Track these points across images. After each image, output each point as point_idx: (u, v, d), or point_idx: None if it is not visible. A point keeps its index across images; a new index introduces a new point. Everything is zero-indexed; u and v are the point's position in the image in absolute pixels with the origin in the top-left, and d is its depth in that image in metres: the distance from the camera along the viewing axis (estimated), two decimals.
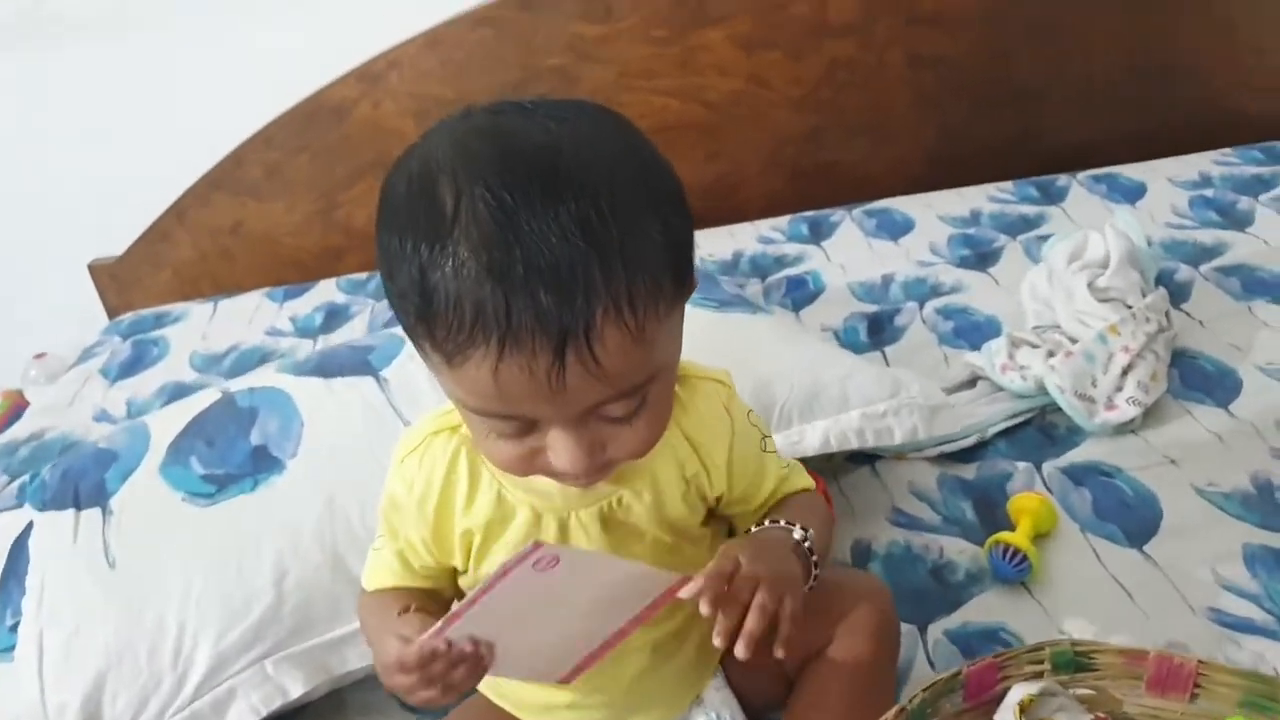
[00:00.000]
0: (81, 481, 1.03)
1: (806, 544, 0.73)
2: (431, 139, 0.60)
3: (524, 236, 0.54)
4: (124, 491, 1.01)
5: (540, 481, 0.69)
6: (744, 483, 0.79)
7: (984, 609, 0.97)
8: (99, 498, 1.01)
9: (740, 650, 0.62)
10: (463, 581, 0.79)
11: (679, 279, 0.61)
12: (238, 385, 1.14)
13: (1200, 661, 0.71)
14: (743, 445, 0.77)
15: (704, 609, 0.62)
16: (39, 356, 1.98)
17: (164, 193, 1.89)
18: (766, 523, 0.75)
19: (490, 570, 0.73)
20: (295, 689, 0.90)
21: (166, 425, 1.09)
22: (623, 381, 0.59)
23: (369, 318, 1.69)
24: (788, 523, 0.74)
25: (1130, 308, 1.26)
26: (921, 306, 1.49)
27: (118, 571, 0.93)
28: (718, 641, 0.62)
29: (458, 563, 0.76)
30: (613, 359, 0.56)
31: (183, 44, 1.81)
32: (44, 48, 1.80)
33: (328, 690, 0.94)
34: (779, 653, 0.64)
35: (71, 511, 1.00)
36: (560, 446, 0.61)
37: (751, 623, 0.62)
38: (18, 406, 1.82)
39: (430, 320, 0.56)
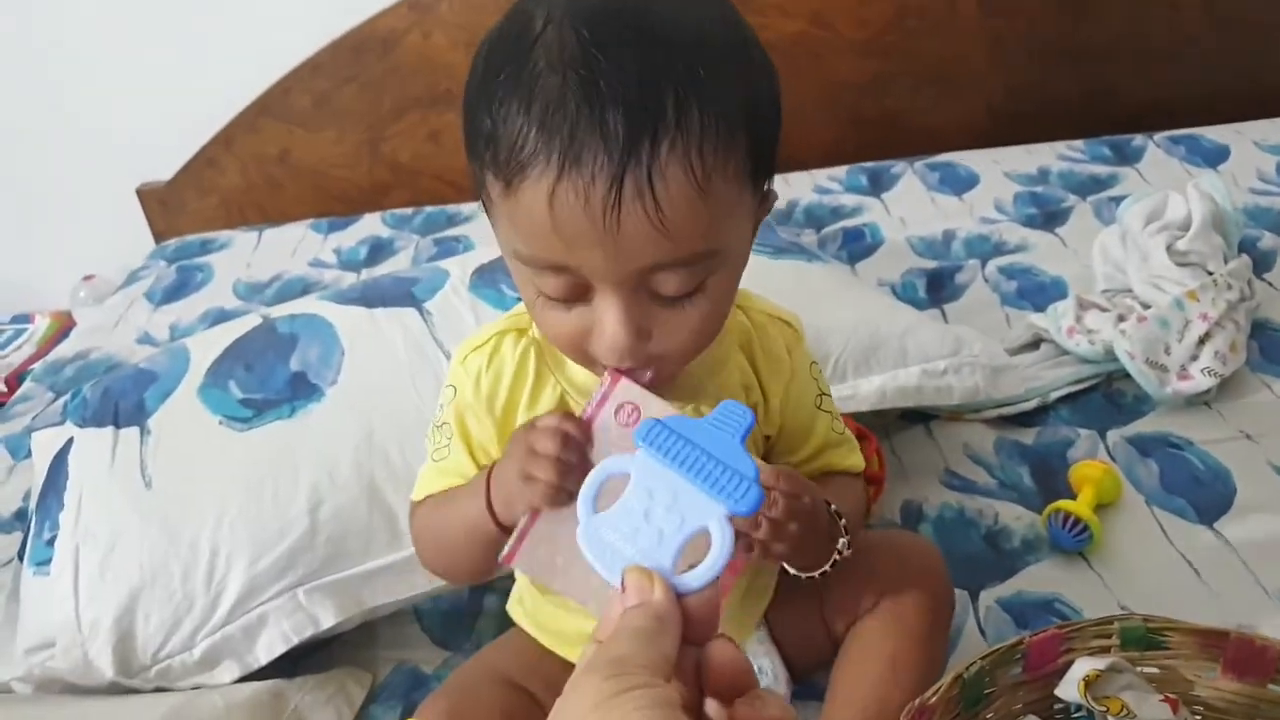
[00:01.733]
0: (122, 400, 1.02)
1: (840, 544, 0.71)
2: None
3: (605, 62, 0.52)
4: (162, 412, 0.99)
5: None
6: (792, 429, 0.77)
7: (1040, 578, 0.93)
8: (138, 417, 0.99)
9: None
10: None
11: (756, 160, 0.58)
12: (279, 311, 1.12)
13: None
14: (799, 390, 0.74)
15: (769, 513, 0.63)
16: (87, 279, 1.98)
17: (213, 118, 1.86)
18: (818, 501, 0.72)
19: None
20: (327, 619, 0.88)
21: (207, 348, 1.07)
22: (682, 240, 0.54)
23: (413, 253, 1.66)
24: (844, 528, 0.72)
25: (1211, 274, 1.19)
26: (984, 265, 1.43)
27: (154, 491, 0.92)
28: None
29: None
30: (674, 205, 0.53)
31: None
32: None
33: (360, 622, 0.93)
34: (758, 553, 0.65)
35: (111, 429, 0.99)
36: (606, 316, 0.57)
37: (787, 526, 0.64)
38: (66, 328, 1.84)
39: (496, 137, 0.54)
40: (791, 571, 0.72)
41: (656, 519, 0.44)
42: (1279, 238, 1.40)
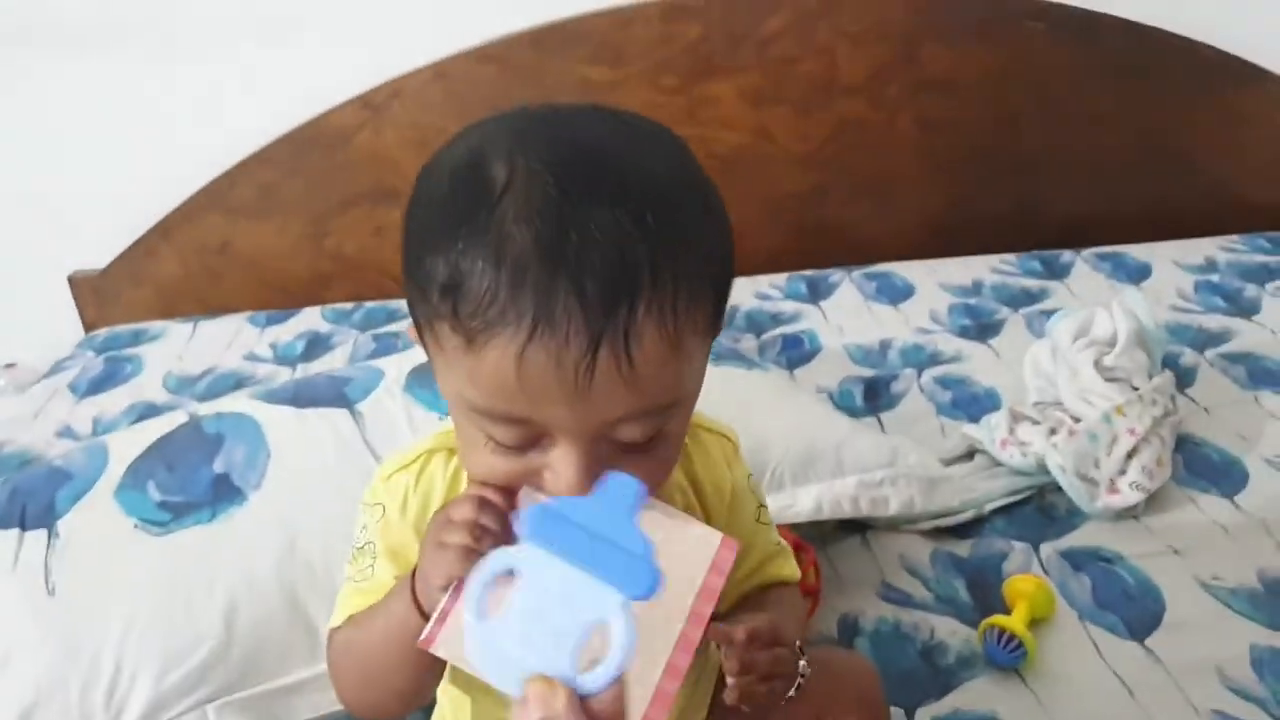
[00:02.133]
0: (30, 500, 0.97)
1: (800, 666, 0.68)
2: (482, 127, 0.57)
3: (578, 220, 0.50)
4: (73, 514, 0.95)
5: None
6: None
7: (976, 696, 0.92)
8: (46, 519, 0.95)
9: (730, 695, 0.62)
10: None
11: (717, 310, 0.57)
12: (206, 409, 1.09)
13: None
14: (739, 507, 0.73)
15: (731, 665, 0.61)
16: (9, 366, 1.91)
17: (153, 208, 1.84)
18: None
19: None
20: None
21: (127, 446, 1.03)
22: (650, 394, 0.53)
23: (351, 349, 1.64)
24: (797, 649, 0.69)
25: (1137, 389, 1.22)
26: (920, 374, 1.45)
27: (57, 600, 0.87)
28: (731, 697, 0.62)
29: None
30: (648, 363, 0.52)
31: (183, 59, 1.78)
32: (42, 56, 1.76)
33: None
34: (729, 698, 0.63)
35: (16, 531, 0.94)
36: (564, 466, 0.54)
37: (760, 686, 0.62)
38: None
39: (457, 292, 0.51)
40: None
41: (551, 617, 0.42)
42: (1199, 354, 1.44)
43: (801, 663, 0.68)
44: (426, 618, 0.58)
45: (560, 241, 0.50)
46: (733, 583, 0.76)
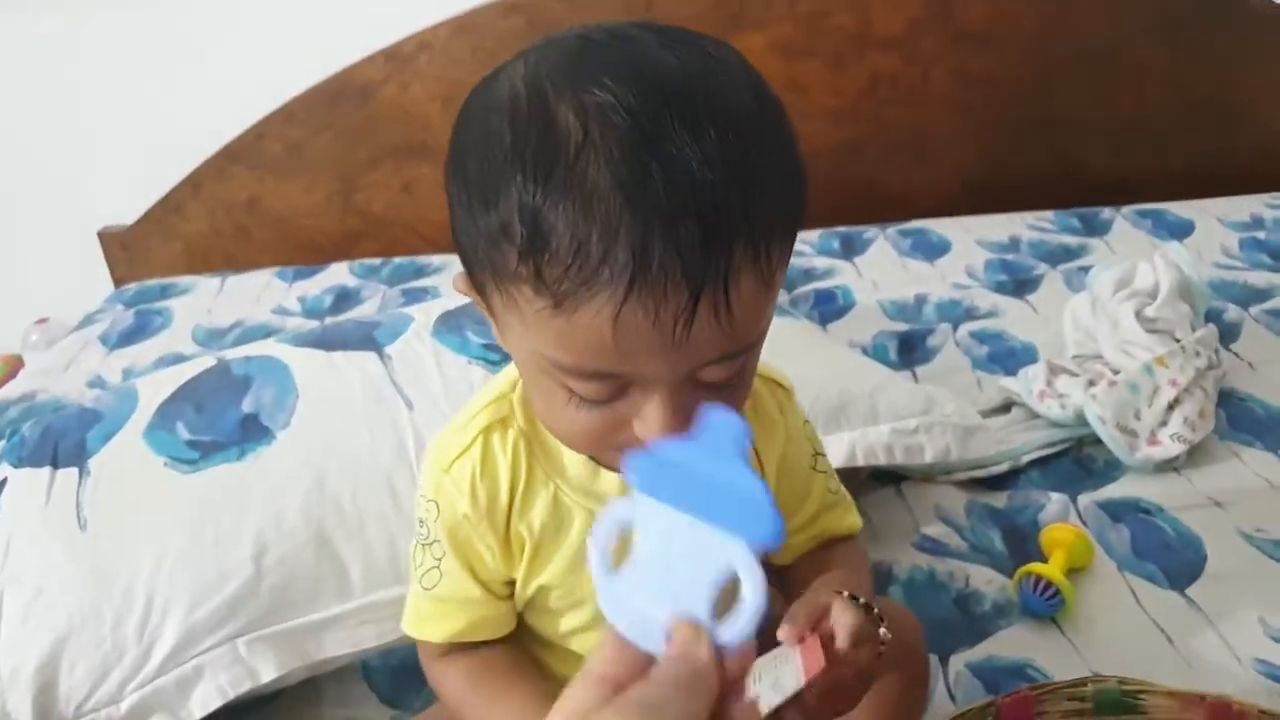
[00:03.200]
0: (62, 440, 0.97)
1: (881, 633, 0.62)
2: (532, 58, 0.52)
3: (664, 162, 0.46)
4: (104, 453, 0.95)
5: (604, 483, 0.63)
6: (789, 494, 0.72)
7: (1011, 643, 0.91)
8: (78, 457, 0.95)
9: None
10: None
11: (795, 232, 0.54)
12: (234, 354, 1.08)
13: (1262, 711, 0.64)
14: (794, 453, 0.71)
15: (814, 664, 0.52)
16: (40, 322, 1.94)
17: (181, 164, 1.84)
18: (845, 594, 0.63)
19: (538, 584, 0.67)
20: (267, 672, 0.83)
21: (156, 389, 1.03)
22: (743, 335, 0.51)
23: (380, 303, 1.63)
24: (876, 616, 0.63)
25: (1179, 341, 1.19)
26: (955, 329, 1.43)
27: (88, 534, 0.87)
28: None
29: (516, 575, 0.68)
30: (744, 306, 0.49)
31: (209, 15, 1.78)
32: (75, 12, 1.77)
33: (303, 678, 0.88)
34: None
35: (48, 469, 0.94)
36: (652, 414, 0.52)
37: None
38: (16, 371, 1.78)
39: (541, 256, 0.48)
40: None
41: (677, 569, 0.40)
42: (1243, 310, 1.41)
43: (881, 629, 0.62)
44: None
45: (651, 193, 0.46)
46: (789, 536, 0.74)
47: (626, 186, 0.46)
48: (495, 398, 0.66)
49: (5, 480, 0.95)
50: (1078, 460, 1.14)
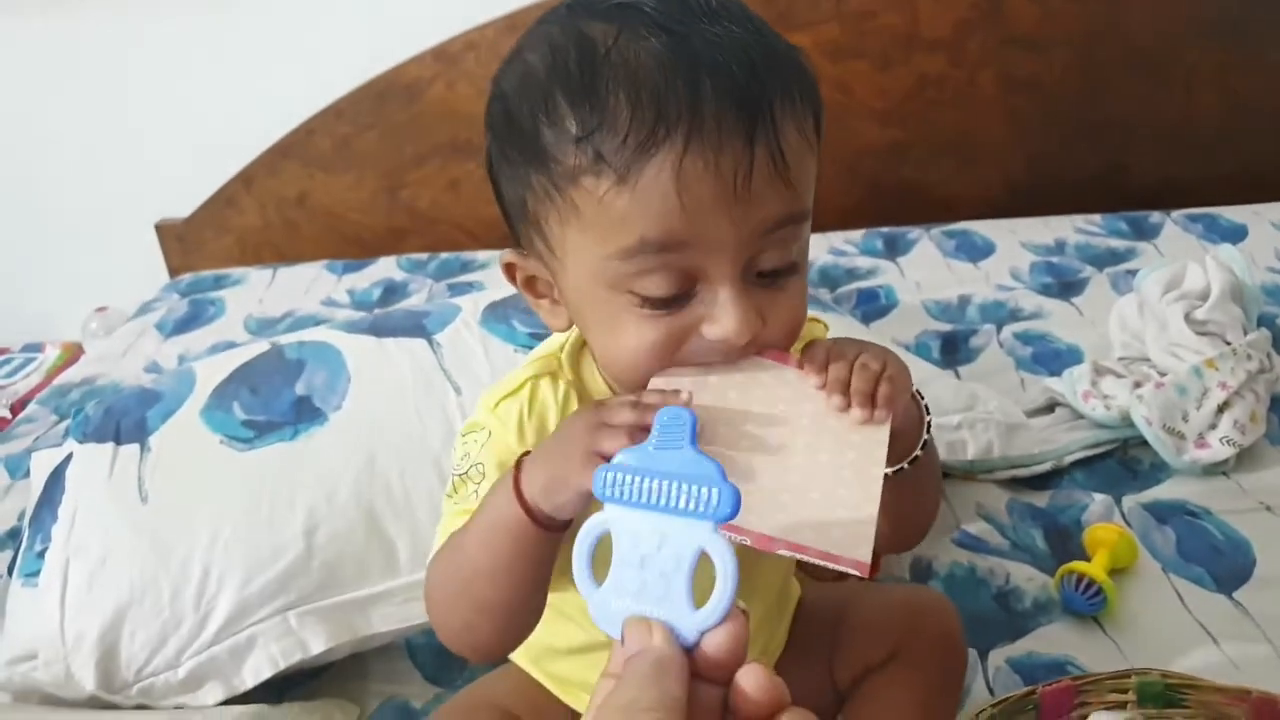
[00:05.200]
0: (124, 418, 1.01)
1: (927, 417, 0.64)
2: (544, 20, 0.57)
3: (700, 34, 0.51)
4: (164, 430, 0.98)
5: None
6: None
7: (1052, 640, 0.90)
8: (139, 434, 0.98)
9: (857, 412, 0.55)
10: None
11: (819, 119, 0.58)
12: (288, 339, 1.11)
13: None
14: None
15: (814, 378, 0.57)
16: (99, 310, 1.99)
17: (235, 158, 1.89)
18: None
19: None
20: (316, 644, 0.86)
21: (213, 371, 1.06)
22: (799, 193, 0.54)
23: (426, 296, 1.66)
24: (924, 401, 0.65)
25: (1230, 343, 1.18)
26: (999, 330, 1.42)
27: (149, 507, 0.90)
28: (836, 401, 0.56)
29: None
30: (795, 159, 0.53)
31: (266, 13, 1.82)
32: (131, 10, 1.82)
33: (350, 652, 0.90)
34: (880, 414, 0.56)
35: (111, 445, 0.97)
36: (723, 309, 0.54)
37: (859, 380, 0.56)
38: (75, 358, 1.83)
39: (598, 135, 0.51)
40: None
41: (653, 564, 0.42)
42: None
43: (928, 418, 0.64)
44: (528, 511, 0.55)
45: (691, 52, 0.51)
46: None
47: (670, 50, 0.51)
48: (544, 355, 0.68)
49: (71, 455, 0.99)
50: (1122, 462, 1.13)
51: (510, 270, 0.62)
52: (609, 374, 0.64)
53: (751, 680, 0.39)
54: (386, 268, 1.80)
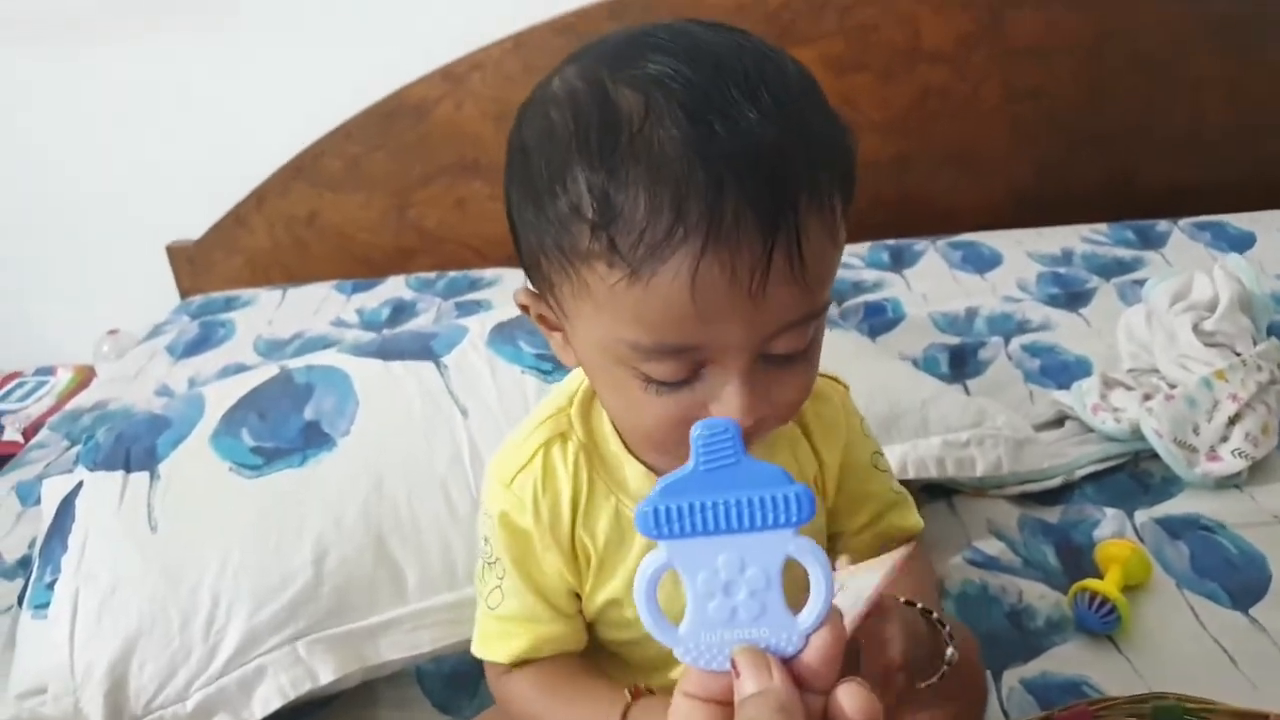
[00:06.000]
0: (134, 445, 1.01)
1: (946, 665, 0.61)
2: (582, 57, 0.54)
3: (726, 120, 0.48)
4: (174, 457, 0.98)
5: None
6: (851, 493, 0.73)
7: (1066, 660, 0.89)
8: (149, 462, 0.98)
9: None
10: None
11: (850, 196, 0.55)
12: (296, 363, 1.11)
13: None
14: (856, 451, 0.71)
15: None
16: (111, 333, 2.00)
17: (245, 179, 1.90)
18: (919, 607, 0.63)
19: (605, 598, 0.67)
20: (326, 674, 0.85)
21: (222, 396, 1.07)
22: (816, 292, 0.52)
23: (435, 315, 1.67)
24: (948, 635, 0.62)
25: (1239, 354, 1.17)
26: (1007, 342, 1.41)
27: (159, 536, 0.91)
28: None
29: (584, 589, 0.68)
30: (814, 256, 0.50)
31: (274, 36, 1.83)
32: (141, 34, 1.83)
33: (360, 681, 0.90)
34: None
35: (121, 473, 0.98)
36: (729, 392, 0.52)
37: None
38: (87, 381, 1.84)
39: (614, 225, 0.49)
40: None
41: (737, 587, 0.39)
42: None
43: (949, 650, 0.61)
44: None
45: (717, 149, 0.48)
46: (853, 534, 0.74)
47: (693, 144, 0.48)
48: (554, 412, 0.67)
49: (81, 483, 0.99)
50: (1134, 475, 1.12)
51: (524, 307, 0.62)
52: (623, 434, 0.64)
53: (851, 700, 0.38)
54: (395, 287, 1.80)
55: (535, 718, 0.69)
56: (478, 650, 0.71)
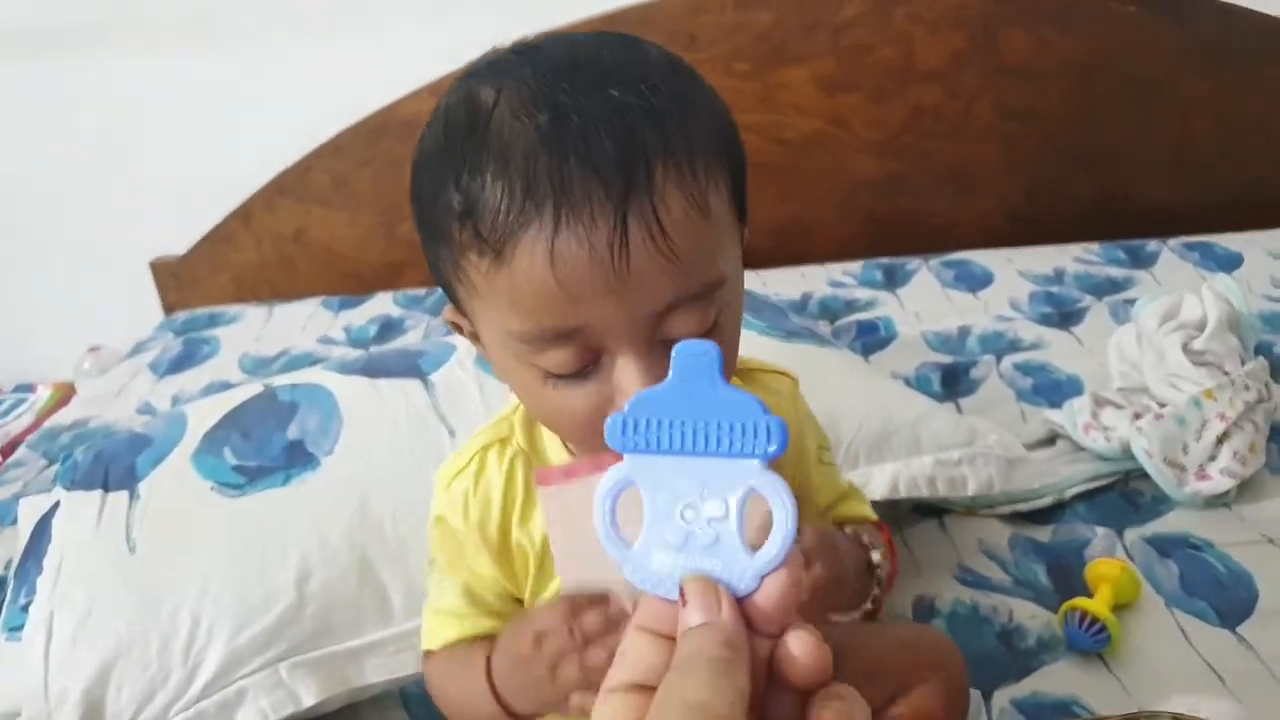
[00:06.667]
0: (113, 464, 1.00)
1: (878, 570, 0.64)
2: (463, 78, 0.56)
3: (577, 106, 0.49)
4: (153, 476, 0.97)
5: None
6: (798, 485, 0.73)
7: (1056, 680, 0.89)
8: (128, 481, 0.97)
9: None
10: None
11: (736, 188, 0.55)
12: (281, 380, 1.10)
13: None
14: (799, 443, 0.71)
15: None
16: (93, 350, 1.98)
17: (230, 196, 1.89)
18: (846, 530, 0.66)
19: (551, 596, 0.67)
20: (308, 697, 0.84)
21: (205, 415, 1.05)
22: (692, 271, 0.51)
23: (423, 332, 1.66)
24: (868, 541, 0.66)
25: (1228, 374, 1.17)
26: (999, 361, 1.41)
27: (137, 557, 0.89)
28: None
29: (523, 590, 0.69)
30: (680, 232, 0.50)
31: (263, 52, 1.82)
32: (127, 52, 1.83)
33: (343, 704, 0.89)
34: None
35: (99, 493, 0.96)
36: (627, 379, 0.52)
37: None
38: (68, 398, 1.82)
39: (474, 211, 0.50)
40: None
41: (696, 512, 0.38)
42: None
43: (875, 554, 0.65)
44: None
45: (563, 127, 0.49)
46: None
47: (541, 128, 0.49)
48: (497, 420, 0.69)
49: (58, 503, 0.97)
50: (1124, 494, 1.12)
51: (454, 325, 0.63)
52: (548, 428, 0.65)
53: (800, 644, 0.36)
54: (383, 304, 1.79)
55: (443, 691, 0.71)
56: (424, 641, 0.72)
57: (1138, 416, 1.15)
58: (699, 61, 1.89)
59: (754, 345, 0.60)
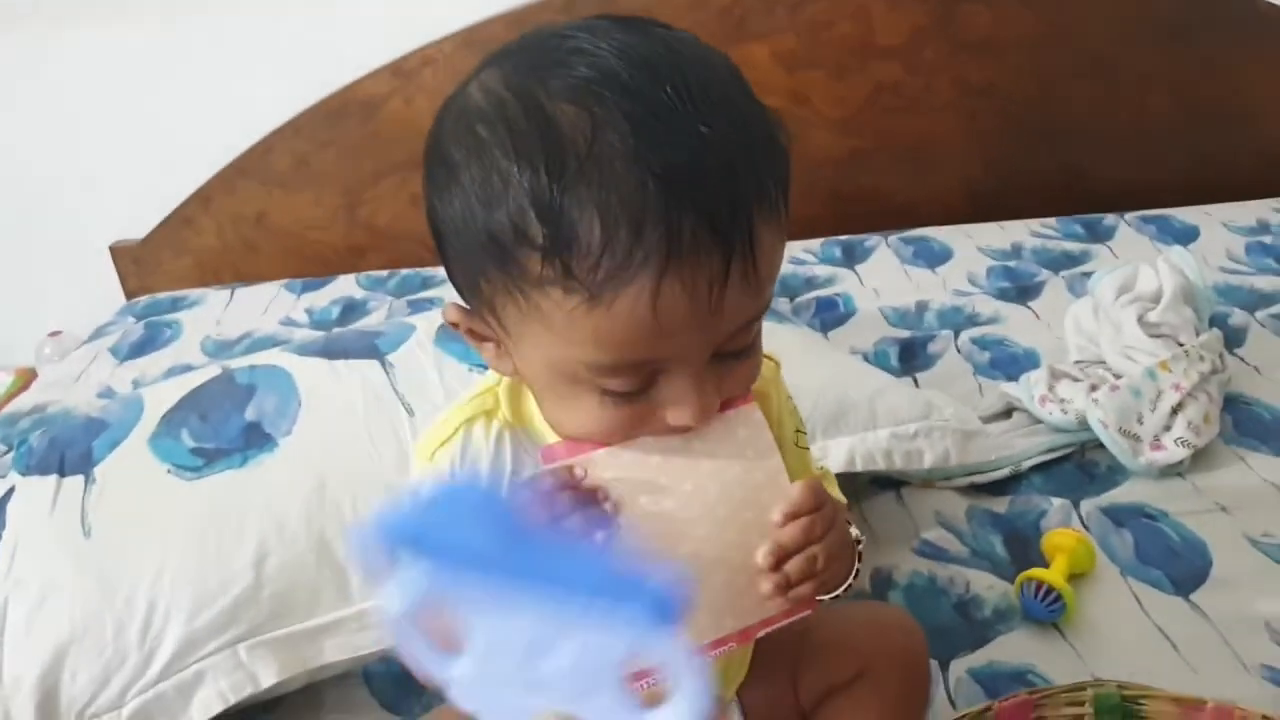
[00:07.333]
0: (68, 449, 0.99)
1: (859, 546, 0.65)
2: (503, 64, 0.53)
3: (675, 134, 0.47)
4: (110, 460, 0.96)
5: None
6: None
7: (1012, 649, 0.90)
8: (84, 465, 0.96)
9: (767, 586, 0.55)
10: None
11: (788, 194, 0.56)
12: (239, 363, 1.09)
13: (1265, 717, 0.63)
14: (781, 429, 0.71)
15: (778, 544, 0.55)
16: (53, 334, 1.95)
17: (191, 178, 1.86)
18: None
19: None
20: (267, 678, 0.84)
21: (162, 398, 1.04)
22: (764, 293, 0.53)
23: (386, 314, 1.65)
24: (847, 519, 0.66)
25: (1183, 345, 1.19)
26: (957, 335, 1.42)
27: (93, 541, 0.88)
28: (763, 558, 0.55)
29: None
30: (765, 261, 0.51)
31: (220, 30, 1.80)
32: (84, 27, 1.79)
33: (304, 684, 0.89)
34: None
35: (54, 478, 0.95)
36: (685, 397, 0.53)
37: (796, 567, 0.55)
38: (29, 384, 1.79)
39: (568, 253, 0.47)
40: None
41: (552, 653, 0.31)
42: (1249, 315, 1.40)
43: (854, 530, 0.64)
44: None
45: (666, 164, 0.47)
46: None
47: (643, 160, 0.47)
48: (480, 391, 0.66)
49: (13, 489, 0.96)
50: (1080, 465, 1.14)
51: (454, 324, 0.61)
52: (558, 430, 0.62)
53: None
54: (346, 286, 1.78)
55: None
56: None
57: (1094, 389, 1.17)
58: None
59: None
